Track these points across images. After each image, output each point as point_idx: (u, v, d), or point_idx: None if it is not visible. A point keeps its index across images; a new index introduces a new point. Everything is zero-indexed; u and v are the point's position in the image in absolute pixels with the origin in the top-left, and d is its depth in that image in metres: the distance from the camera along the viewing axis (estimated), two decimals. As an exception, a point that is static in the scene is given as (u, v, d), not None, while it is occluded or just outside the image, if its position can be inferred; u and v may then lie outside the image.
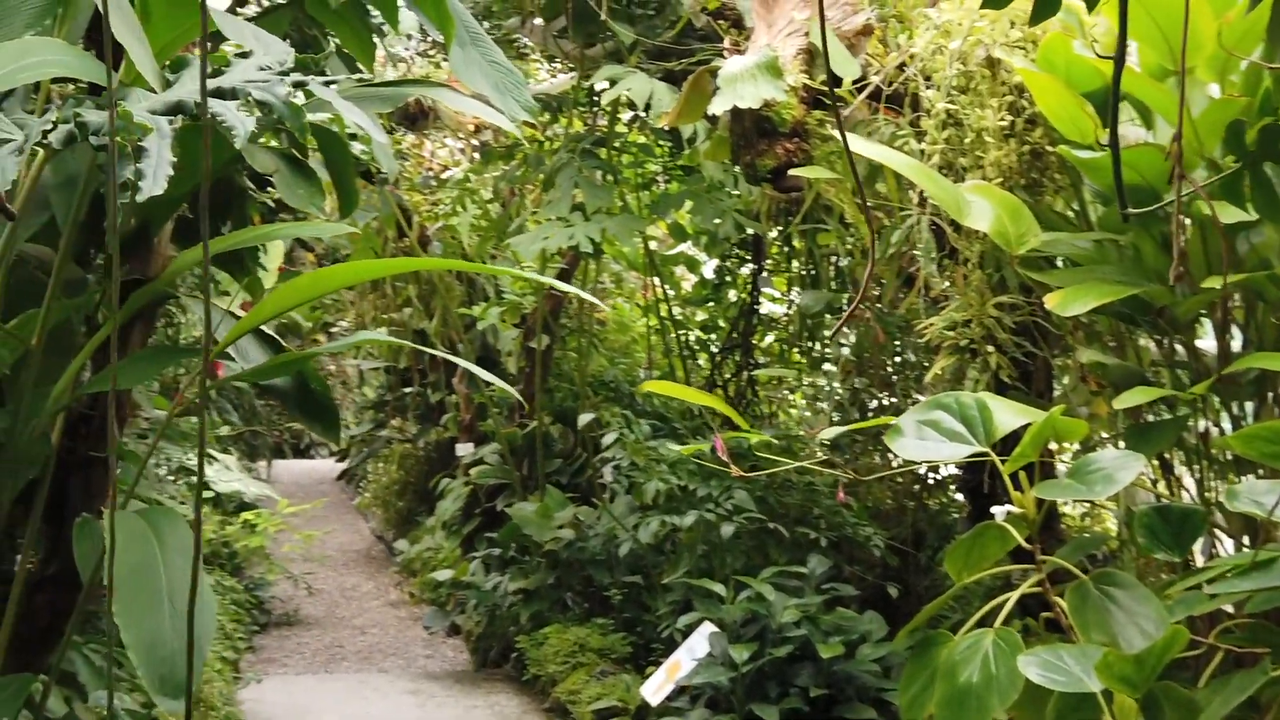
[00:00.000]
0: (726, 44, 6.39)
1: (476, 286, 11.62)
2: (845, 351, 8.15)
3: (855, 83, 5.77)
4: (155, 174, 2.44)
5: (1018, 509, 3.87)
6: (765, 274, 9.42)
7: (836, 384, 8.29)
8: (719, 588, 6.31)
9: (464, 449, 10.26)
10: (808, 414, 8.10)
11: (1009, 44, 5.04)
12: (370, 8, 4.52)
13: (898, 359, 7.56)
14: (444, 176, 10.99)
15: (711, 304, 9.83)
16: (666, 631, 6.79)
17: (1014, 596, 3.85)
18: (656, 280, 9.40)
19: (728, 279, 9.68)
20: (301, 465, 20.14)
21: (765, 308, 9.58)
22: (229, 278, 4.44)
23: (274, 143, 3.72)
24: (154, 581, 2.91)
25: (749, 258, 9.40)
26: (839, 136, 5.05)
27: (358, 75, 4.19)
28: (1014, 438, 3.90)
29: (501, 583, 8.19)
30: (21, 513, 3.51)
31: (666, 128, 6.92)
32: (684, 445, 6.96)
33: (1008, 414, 4.01)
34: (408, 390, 12.83)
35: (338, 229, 3.93)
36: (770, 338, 9.60)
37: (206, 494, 10.37)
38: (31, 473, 3.39)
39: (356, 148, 4.68)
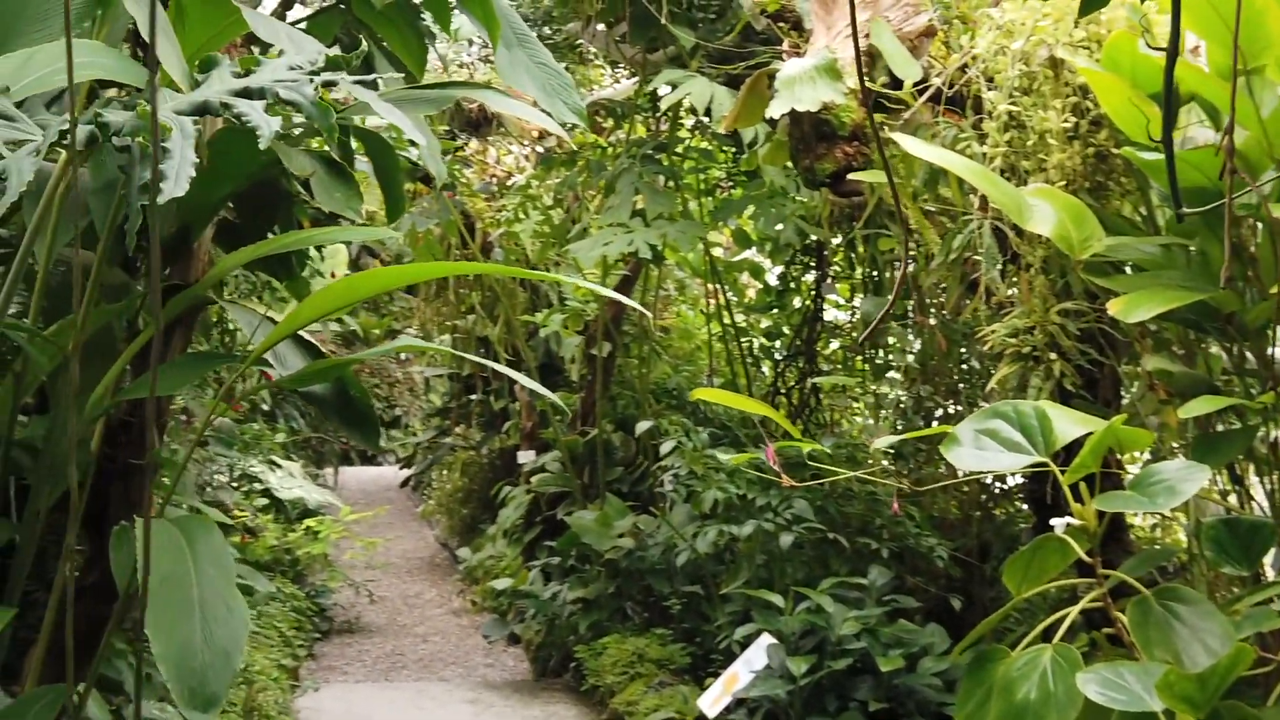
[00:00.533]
0: (785, 46, 6.30)
1: (540, 293, 11.59)
2: (910, 359, 8.04)
3: (917, 85, 5.67)
4: (177, 175, 2.38)
5: (1078, 521, 3.75)
6: (830, 280, 9.31)
7: (901, 392, 8.17)
8: (777, 599, 6.20)
9: (525, 456, 10.22)
10: (869, 422, 7.97)
11: (1073, 43, 4.91)
12: (424, 13, 4.49)
13: (964, 366, 7.42)
14: (509, 183, 10.98)
15: (775, 311, 9.72)
16: (725, 643, 6.69)
17: (1073, 612, 3.73)
18: (720, 287, 9.29)
19: (792, 286, 9.56)
20: (369, 472, 20.17)
21: (830, 314, 9.47)
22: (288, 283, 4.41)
23: (315, 144, 3.68)
24: (185, 592, 2.87)
25: (813, 264, 9.28)
26: (894, 139, 4.96)
27: (402, 76, 4.13)
28: (1076, 447, 3.78)
29: (560, 592, 8.12)
30: (62, 520, 3.48)
31: (725, 132, 6.83)
32: (743, 453, 6.89)
33: (1068, 423, 3.89)
34: (472, 397, 12.82)
35: (379, 233, 3.88)
36: (835, 344, 9.49)
37: (265, 500, 10.39)
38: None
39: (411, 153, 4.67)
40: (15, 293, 3.11)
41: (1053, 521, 3.71)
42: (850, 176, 5.70)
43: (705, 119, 7.77)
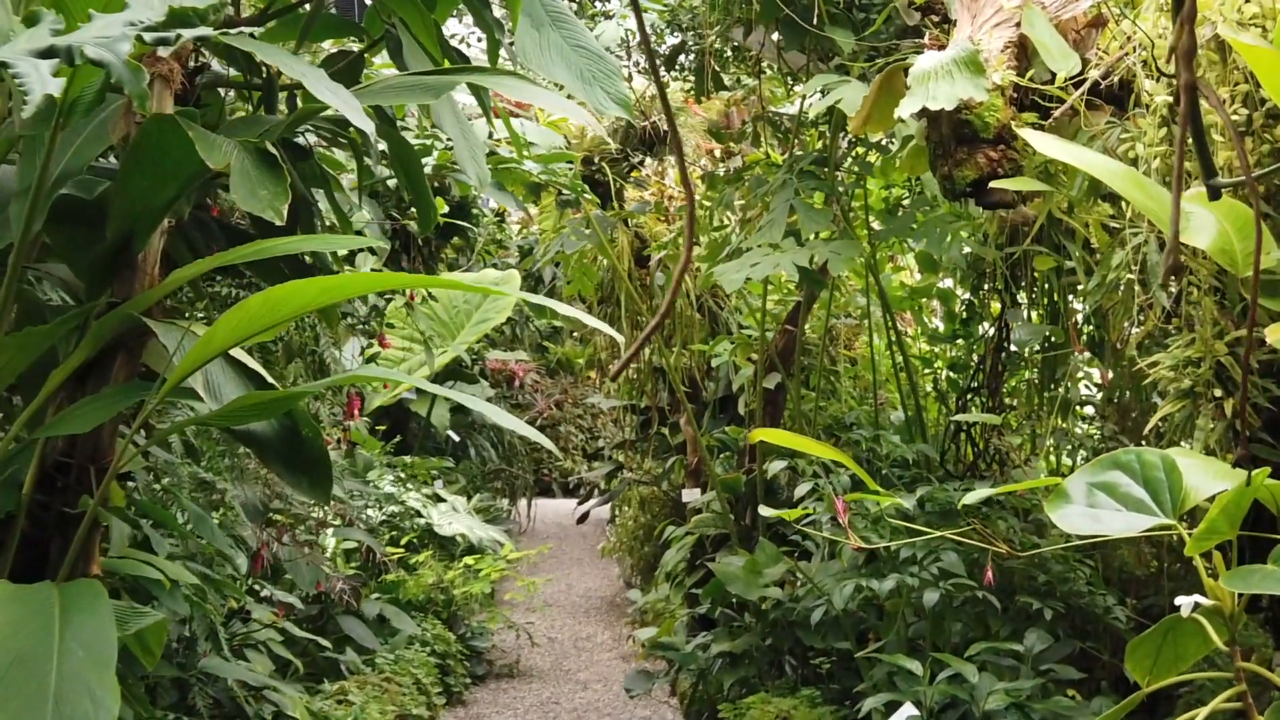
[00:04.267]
0: (927, 40, 5.61)
1: (719, 320, 11.02)
2: (1093, 393, 7.22)
3: (1073, 79, 4.93)
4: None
5: (1209, 601, 3.00)
6: (1021, 306, 8.47)
7: (1092, 430, 7.36)
8: (915, 665, 5.48)
9: (690, 495, 9.62)
10: (1031, 465, 7.13)
11: (1241, 20, 4.12)
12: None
13: (1154, 402, 6.57)
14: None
15: (960, 341, 8.92)
16: (866, 710, 5.99)
17: (1202, 714, 2.97)
18: (888, 316, 8.53)
19: (979, 312, 8.75)
20: (568, 505, 19.80)
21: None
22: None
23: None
24: (40, 679, 2.36)
25: (1001, 289, 8.46)
26: (1022, 135, 4.25)
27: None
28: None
29: (706, 644, 7.48)
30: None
31: (855, 135, 6.16)
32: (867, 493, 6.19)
33: (1204, 476, 3.14)
34: (650, 431, 12.27)
35: (360, 241, 3.35)
36: (1027, 376, 8.64)
37: (410, 530, 9.99)
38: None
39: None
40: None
41: (1178, 600, 2.96)
42: (993, 185, 4.99)
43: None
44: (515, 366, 17.65)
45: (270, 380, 3.12)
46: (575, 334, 17.79)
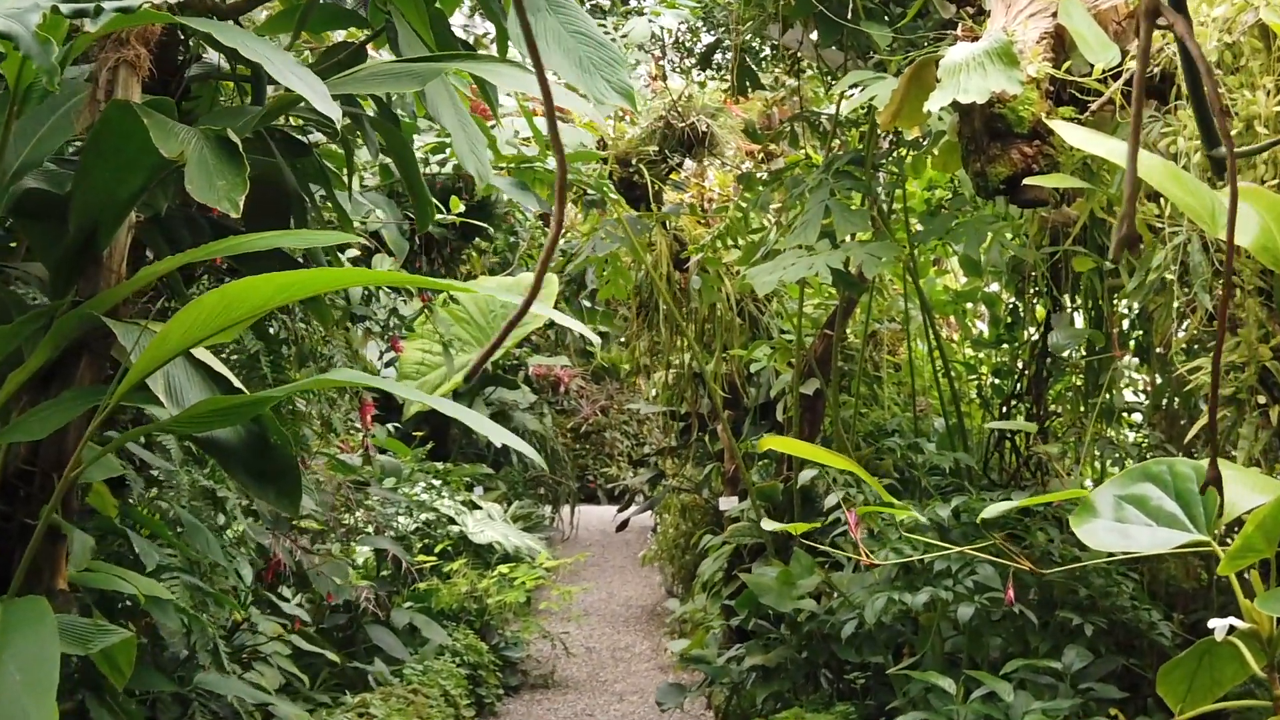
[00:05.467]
0: (959, 31, 5.39)
1: (760, 325, 10.80)
2: (1136, 398, 6.98)
3: (1111, 71, 4.70)
4: None
5: (1244, 624, 2.79)
6: (1067, 309, 8.19)
7: (1138, 437, 7.11)
8: (947, 683, 5.26)
9: (727, 503, 9.39)
10: (1074, 475, 6.87)
11: (1287, 3, 3.89)
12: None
13: (1202, 409, 6.31)
14: (721, 206, 10.25)
15: (1004, 346, 8.66)
16: (900, 728, 5.77)
17: (1238, 748, 2.76)
18: (928, 320, 8.28)
19: (1024, 317, 8.50)
20: (611, 512, 19.62)
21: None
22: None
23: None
24: (-32, 699, 2.20)
25: (1045, 291, 8.20)
26: (1053, 127, 4.04)
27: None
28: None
29: (739, 657, 7.27)
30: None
31: (884, 131, 5.94)
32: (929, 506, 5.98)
33: (1244, 489, 2.92)
34: (690, 437, 12.06)
35: (336, 237, 3.17)
36: (1074, 382, 8.36)
37: (444, 538, 9.82)
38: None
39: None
40: None
41: (1212, 624, 2.75)
42: (1027, 181, 4.77)
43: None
44: (560, 372, 17.51)
45: (237, 384, 2.96)
46: (621, 339, 17.62)
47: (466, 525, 9.93)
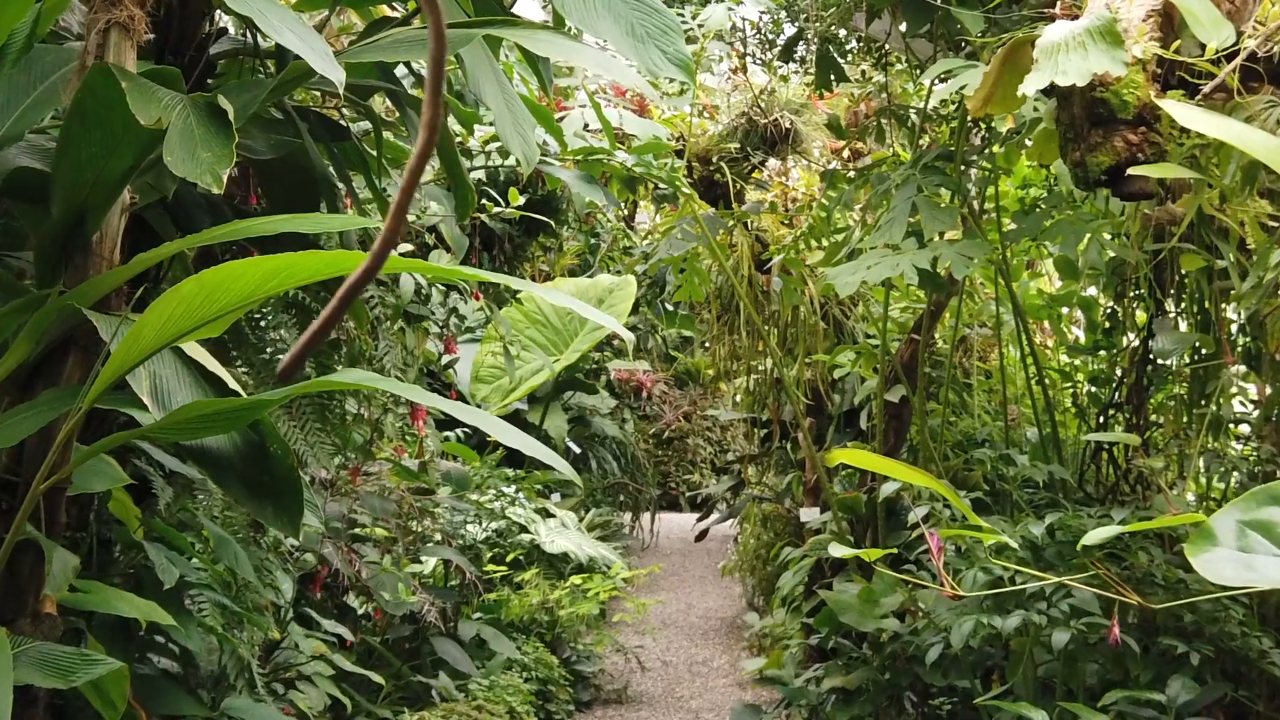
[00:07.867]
0: (1058, 9, 5.00)
1: (845, 330, 10.41)
2: (1249, 410, 6.53)
3: (1225, 51, 4.30)
4: None
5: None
6: (1171, 314, 7.73)
7: (1244, 450, 6.66)
8: (1040, 716, 4.86)
9: (809, 515, 9.01)
10: (1177, 490, 6.43)
11: None
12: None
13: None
14: (807, 204, 9.90)
15: (1102, 353, 8.21)
16: (988, 762, 5.38)
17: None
18: (1020, 324, 7.85)
19: (1123, 321, 8.04)
20: (693, 520, 19.27)
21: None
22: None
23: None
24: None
25: (1146, 294, 7.74)
26: (1163, 106, 3.65)
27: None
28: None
29: (818, 678, 6.90)
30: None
31: (974, 118, 5.55)
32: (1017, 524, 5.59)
33: (1388, 516, 2.53)
34: (771, 445, 11.68)
35: (356, 222, 2.85)
36: (1177, 391, 7.90)
37: (515, 548, 9.50)
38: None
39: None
40: None
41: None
42: (1132, 171, 4.37)
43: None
44: (643, 377, 17.20)
45: (234, 386, 2.65)
46: (704, 343, 17.27)
47: (539, 534, 9.62)
